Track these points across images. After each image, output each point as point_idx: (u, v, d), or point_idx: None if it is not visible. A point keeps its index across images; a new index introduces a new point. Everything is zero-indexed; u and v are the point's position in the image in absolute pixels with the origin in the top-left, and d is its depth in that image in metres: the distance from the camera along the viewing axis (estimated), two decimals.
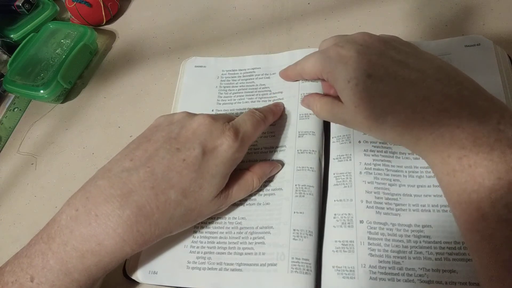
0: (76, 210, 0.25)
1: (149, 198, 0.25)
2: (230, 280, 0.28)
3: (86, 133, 0.42)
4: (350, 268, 0.26)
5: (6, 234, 0.37)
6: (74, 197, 0.26)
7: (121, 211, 0.24)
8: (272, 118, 0.32)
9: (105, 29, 0.51)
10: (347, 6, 0.42)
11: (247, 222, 0.30)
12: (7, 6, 0.49)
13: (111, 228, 0.24)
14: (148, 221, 0.24)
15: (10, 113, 0.46)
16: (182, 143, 0.26)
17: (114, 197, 0.24)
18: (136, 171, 0.25)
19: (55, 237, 0.25)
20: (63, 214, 0.25)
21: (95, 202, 0.24)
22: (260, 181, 0.30)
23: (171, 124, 0.28)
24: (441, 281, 0.25)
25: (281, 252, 0.28)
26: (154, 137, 0.27)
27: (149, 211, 0.24)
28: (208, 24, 0.47)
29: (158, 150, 0.26)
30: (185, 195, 0.26)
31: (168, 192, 0.25)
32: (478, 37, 0.33)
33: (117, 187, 0.25)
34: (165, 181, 0.25)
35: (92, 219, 0.24)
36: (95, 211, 0.24)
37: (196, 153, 0.26)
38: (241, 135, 0.28)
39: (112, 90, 0.44)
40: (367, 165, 0.30)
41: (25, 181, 0.40)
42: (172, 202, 0.25)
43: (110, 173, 0.26)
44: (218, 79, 0.39)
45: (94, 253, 0.24)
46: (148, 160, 0.26)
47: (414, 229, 0.27)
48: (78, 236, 0.24)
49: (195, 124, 0.27)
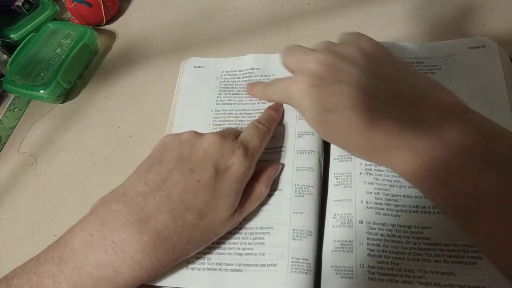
0: (90, 235, 0.24)
1: (167, 223, 0.25)
2: (230, 281, 0.28)
3: (86, 133, 0.42)
4: (348, 268, 0.26)
5: (6, 234, 0.37)
6: (87, 221, 0.25)
7: (139, 237, 0.24)
8: (274, 126, 0.33)
9: (105, 29, 0.51)
10: (347, 6, 0.42)
11: (247, 222, 0.30)
12: (7, 6, 0.49)
13: (129, 255, 0.24)
14: (166, 246, 0.24)
15: (10, 113, 0.46)
16: (194, 164, 0.27)
17: (131, 223, 0.24)
18: (152, 195, 0.25)
19: (68, 260, 0.24)
20: (76, 237, 0.25)
21: (111, 228, 0.24)
22: (267, 188, 0.30)
23: (180, 143, 0.28)
24: (439, 283, 0.25)
25: (281, 252, 0.28)
26: (166, 159, 0.27)
27: (167, 235, 0.24)
28: (208, 24, 0.47)
29: (171, 172, 0.26)
30: (202, 217, 0.26)
31: (185, 215, 0.25)
32: (483, 39, 0.33)
33: (134, 213, 0.24)
34: (181, 204, 0.25)
35: (108, 245, 0.24)
36: (111, 237, 0.24)
37: (210, 173, 0.26)
38: (250, 151, 0.28)
39: (112, 90, 0.44)
40: (367, 165, 0.30)
41: (25, 181, 0.40)
42: (189, 225, 0.25)
43: (125, 198, 0.25)
44: (217, 80, 0.39)
45: (109, 280, 0.24)
46: (162, 183, 0.26)
47: (414, 230, 0.27)
48: (93, 262, 0.24)
49: (206, 143, 0.28)
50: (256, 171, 0.30)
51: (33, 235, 0.36)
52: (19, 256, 0.35)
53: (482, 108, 0.30)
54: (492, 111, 0.30)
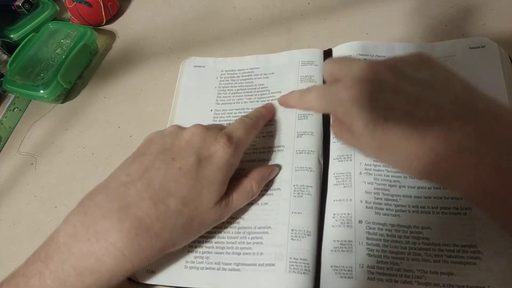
0: (73, 226, 0.24)
1: (148, 209, 0.24)
2: (228, 280, 0.28)
3: (86, 133, 0.42)
4: (348, 268, 0.26)
5: (6, 234, 0.37)
6: (72, 214, 0.25)
7: (120, 224, 0.24)
8: (263, 122, 0.32)
9: (105, 29, 0.51)
10: (347, 6, 0.42)
11: (245, 222, 0.30)
12: (7, 6, 0.49)
13: (111, 243, 0.23)
14: (149, 233, 0.24)
15: (10, 113, 0.46)
16: (176, 153, 0.27)
17: (112, 212, 0.24)
18: (134, 184, 0.25)
19: (53, 255, 0.24)
20: (61, 231, 0.25)
21: (94, 217, 0.24)
22: (259, 186, 0.30)
23: (164, 136, 0.28)
24: (439, 283, 0.25)
25: (279, 252, 0.28)
26: (149, 151, 0.27)
27: (149, 222, 0.24)
28: (208, 24, 0.47)
29: (153, 162, 0.26)
30: (185, 203, 0.25)
31: (167, 201, 0.25)
32: (483, 39, 0.33)
33: (115, 201, 0.24)
34: (163, 190, 0.25)
35: (91, 235, 0.24)
36: (94, 226, 0.24)
37: (192, 161, 0.26)
38: (235, 140, 0.28)
39: (112, 90, 0.44)
40: (367, 165, 0.30)
41: (25, 181, 0.40)
42: (172, 211, 0.25)
43: (108, 189, 0.26)
44: (217, 79, 0.39)
45: (93, 270, 0.23)
46: (144, 172, 0.26)
47: (413, 230, 0.27)
48: (76, 253, 0.23)
49: (188, 134, 0.28)
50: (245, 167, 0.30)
51: (33, 235, 0.36)
52: (19, 256, 0.35)
53: None
54: None
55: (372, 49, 0.35)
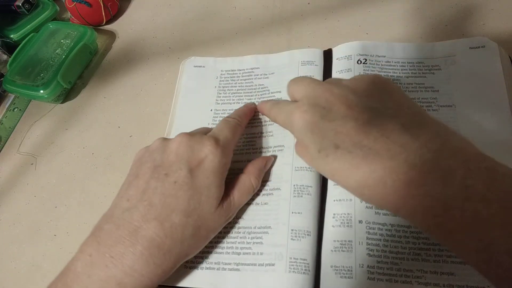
0: (90, 255, 0.25)
1: (155, 229, 0.25)
2: (228, 280, 0.28)
3: (86, 133, 0.42)
4: (348, 268, 0.26)
5: (6, 234, 0.37)
6: (85, 244, 0.26)
7: (133, 248, 0.25)
8: (246, 120, 0.33)
9: (105, 29, 0.51)
10: (347, 6, 0.42)
11: (245, 222, 0.30)
12: (7, 6, 0.50)
13: (128, 266, 0.24)
14: (161, 251, 0.25)
15: (10, 113, 0.46)
16: (168, 168, 0.27)
17: (123, 238, 0.25)
18: (136, 208, 0.26)
19: (73, 285, 0.24)
20: (78, 261, 0.25)
21: (107, 244, 0.25)
22: (258, 180, 0.30)
23: (151, 153, 0.29)
24: (439, 283, 0.25)
25: (279, 252, 0.28)
26: (141, 171, 0.28)
27: (159, 241, 0.25)
28: (208, 24, 0.47)
29: (148, 182, 0.27)
30: (188, 215, 0.26)
31: (171, 217, 0.26)
32: (483, 39, 0.33)
33: (124, 228, 0.25)
34: (164, 208, 0.26)
35: (108, 261, 0.24)
36: (109, 253, 0.25)
37: (185, 172, 0.27)
38: (221, 142, 0.28)
39: (112, 90, 0.44)
40: None
41: (25, 181, 0.40)
42: (177, 226, 0.26)
43: (113, 217, 0.26)
44: (217, 79, 0.39)
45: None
46: (143, 195, 0.26)
47: (413, 230, 0.27)
48: (96, 280, 0.24)
49: (174, 145, 0.28)
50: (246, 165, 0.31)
51: (33, 235, 0.36)
52: (19, 256, 0.35)
53: (482, 108, 0.31)
54: (492, 111, 0.30)
55: (372, 49, 0.35)
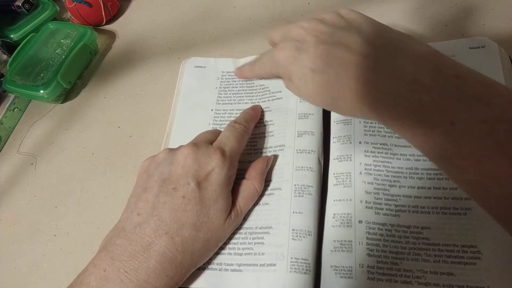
0: (104, 270, 0.25)
1: (167, 244, 0.26)
2: (230, 280, 0.28)
3: (86, 133, 0.42)
4: (348, 268, 0.27)
5: (6, 234, 0.37)
6: (97, 259, 0.26)
7: (147, 263, 0.25)
8: (253, 125, 0.33)
9: (105, 29, 0.51)
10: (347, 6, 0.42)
11: (246, 222, 0.30)
12: (7, 6, 0.49)
13: (143, 280, 0.25)
14: (173, 264, 0.26)
15: (10, 113, 0.46)
16: (176, 182, 0.27)
17: (137, 253, 0.25)
18: (147, 223, 0.26)
19: None
20: (91, 275, 0.25)
21: (121, 259, 0.25)
22: (261, 184, 0.30)
23: (158, 166, 0.29)
24: (438, 284, 0.25)
25: (280, 252, 0.28)
26: (149, 185, 0.28)
27: (171, 255, 0.26)
28: (208, 24, 0.47)
29: (157, 196, 0.27)
30: (197, 229, 0.27)
31: (181, 231, 0.26)
32: (483, 39, 0.33)
33: (137, 243, 0.26)
34: (174, 223, 0.26)
35: (123, 276, 0.25)
36: (124, 268, 0.25)
37: (192, 186, 0.27)
38: (228, 153, 0.29)
39: (112, 90, 0.44)
40: (367, 165, 0.30)
41: (25, 181, 0.40)
42: (188, 240, 0.26)
43: (125, 232, 0.27)
44: (218, 80, 0.39)
45: None
46: (153, 209, 0.27)
47: (413, 230, 0.27)
48: None
49: (181, 158, 0.28)
50: (247, 168, 0.31)
51: (33, 235, 0.36)
52: (19, 256, 0.35)
53: None
54: None
55: None
